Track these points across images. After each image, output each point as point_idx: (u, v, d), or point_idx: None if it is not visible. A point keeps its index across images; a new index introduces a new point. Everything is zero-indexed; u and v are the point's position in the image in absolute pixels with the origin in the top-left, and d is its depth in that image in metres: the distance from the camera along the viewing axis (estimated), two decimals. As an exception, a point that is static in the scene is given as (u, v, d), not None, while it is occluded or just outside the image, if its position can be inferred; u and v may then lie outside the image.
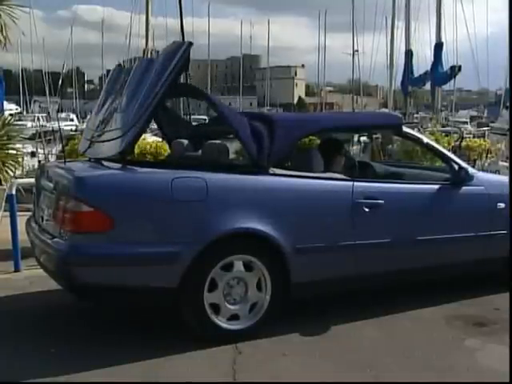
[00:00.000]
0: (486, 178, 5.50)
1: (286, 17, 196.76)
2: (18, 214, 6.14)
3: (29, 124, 24.72)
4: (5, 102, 14.12)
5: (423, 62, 24.18)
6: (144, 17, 22.08)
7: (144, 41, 21.86)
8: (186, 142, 5.18)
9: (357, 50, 43.46)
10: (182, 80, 5.07)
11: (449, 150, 6.92)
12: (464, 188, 5.11)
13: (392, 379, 3.69)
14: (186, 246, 3.95)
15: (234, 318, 4.20)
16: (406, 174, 5.67)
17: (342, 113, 7.07)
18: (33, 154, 16.11)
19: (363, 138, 15.39)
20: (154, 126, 7.15)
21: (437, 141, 9.66)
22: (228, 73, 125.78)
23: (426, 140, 5.55)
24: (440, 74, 21.33)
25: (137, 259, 3.91)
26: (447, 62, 21.69)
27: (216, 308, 4.12)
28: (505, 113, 24.44)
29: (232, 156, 4.92)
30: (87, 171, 4.41)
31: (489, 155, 13.95)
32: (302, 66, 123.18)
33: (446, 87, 24.40)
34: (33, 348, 4.04)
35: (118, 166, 4.26)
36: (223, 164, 4.52)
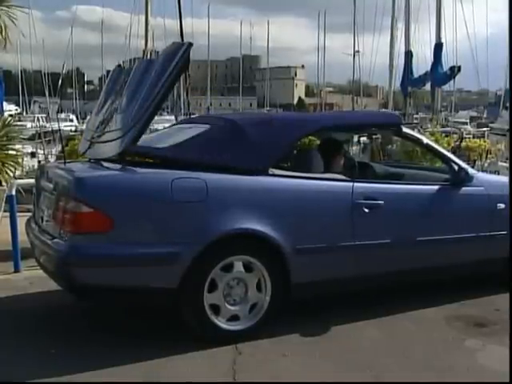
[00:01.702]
0: (486, 179, 5.50)
1: (286, 17, 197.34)
2: (18, 214, 6.14)
3: (28, 124, 24.76)
4: (4, 103, 14.14)
5: (423, 62, 24.17)
6: (143, 17, 22.05)
7: (143, 41, 21.84)
8: None
9: (358, 51, 43.53)
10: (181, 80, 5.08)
11: (449, 151, 6.92)
12: (464, 188, 5.11)
13: (392, 379, 3.70)
14: (185, 247, 3.95)
15: (234, 318, 4.20)
16: (405, 175, 5.67)
17: (342, 112, 6.84)
18: (33, 155, 16.13)
19: (363, 139, 15.40)
20: (153, 126, 7.14)
21: (437, 141, 9.68)
22: (228, 73, 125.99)
23: (425, 140, 5.54)
24: (440, 74, 21.31)
25: (137, 260, 3.91)
26: (447, 62, 21.68)
27: (216, 308, 4.12)
28: (504, 113, 24.47)
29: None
30: (87, 172, 4.41)
31: (488, 156, 13.97)
32: (302, 66, 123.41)
33: (445, 88, 24.36)
34: (33, 349, 4.04)
35: (118, 166, 4.26)
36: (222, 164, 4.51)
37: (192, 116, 6.07)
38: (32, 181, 5.49)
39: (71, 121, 38.59)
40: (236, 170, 4.27)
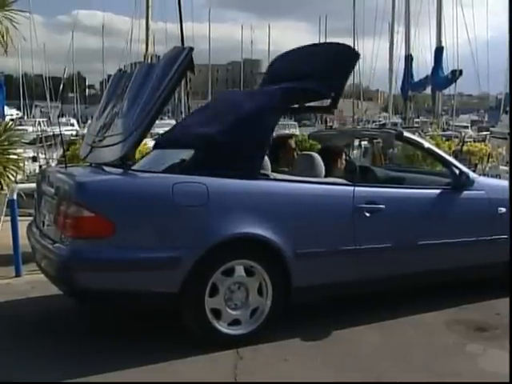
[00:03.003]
0: (487, 183, 5.50)
1: (286, 22, 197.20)
2: (19, 218, 6.15)
3: (30, 129, 24.82)
4: (6, 107, 14.17)
5: (423, 66, 24.24)
6: (144, 21, 22.12)
7: (144, 45, 21.89)
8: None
9: (357, 55, 43.53)
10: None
11: (450, 155, 6.92)
12: (465, 192, 5.11)
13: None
14: (187, 251, 3.95)
15: (235, 322, 4.20)
16: (406, 179, 5.67)
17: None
18: (34, 159, 16.15)
19: (364, 143, 15.42)
20: (154, 130, 7.14)
21: (437, 145, 9.69)
22: (229, 77, 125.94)
23: (426, 145, 5.55)
24: (440, 78, 21.34)
25: (138, 264, 3.90)
26: (447, 66, 21.70)
27: (217, 313, 4.12)
28: (504, 117, 24.47)
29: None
30: (88, 176, 4.41)
31: (490, 159, 13.96)
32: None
33: (446, 91, 24.45)
34: (34, 353, 4.04)
35: (119, 171, 4.27)
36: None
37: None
38: (33, 185, 5.49)
39: (72, 125, 38.64)
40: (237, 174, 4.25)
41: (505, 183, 5.79)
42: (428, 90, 23.59)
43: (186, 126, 5.03)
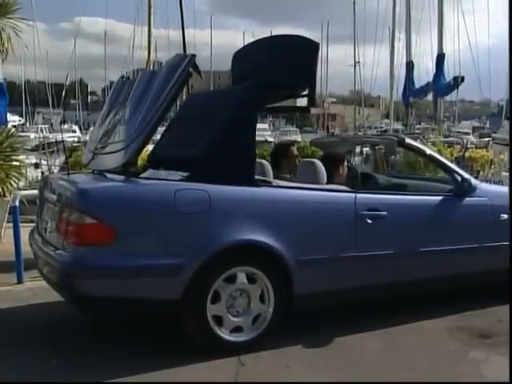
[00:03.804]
0: (489, 189, 5.50)
1: (287, 28, 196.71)
2: (22, 225, 6.15)
3: (32, 135, 24.89)
4: (8, 114, 14.19)
5: (425, 73, 24.24)
6: (146, 28, 22.20)
7: (146, 52, 21.96)
8: None
9: (358, 61, 43.76)
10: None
11: (452, 161, 6.91)
12: (467, 199, 5.11)
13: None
14: (188, 258, 3.94)
15: (237, 329, 4.19)
16: (408, 186, 5.67)
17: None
18: (36, 166, 16.16)
19: (366, 149, 15.42)
20: (156, 137, 7.15)
21: (439, 152, 9.69)
22: (231, 84, 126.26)
23: (428, 151, 5.54)
24: (442, 84, 21.30)
25: (139, 271, 3.90)
26: (448, 72, 21.69)
27: (219, 320, 4.11)
28: (506, 123, 24.42)
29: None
30: (90, 183, 4.42)
31: (492, 166, 13.93)
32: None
33: (448, 98, 24.38)
34: (35, 360, 4.03)
35: (121, 177, 4.27)
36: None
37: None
38: (35, 192, 5.49)
39: (74, 132, 38.76)
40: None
41: (507, 190, 5.79)
42: (429, 97, 23.57)
43: (170, 145, 4.87)
